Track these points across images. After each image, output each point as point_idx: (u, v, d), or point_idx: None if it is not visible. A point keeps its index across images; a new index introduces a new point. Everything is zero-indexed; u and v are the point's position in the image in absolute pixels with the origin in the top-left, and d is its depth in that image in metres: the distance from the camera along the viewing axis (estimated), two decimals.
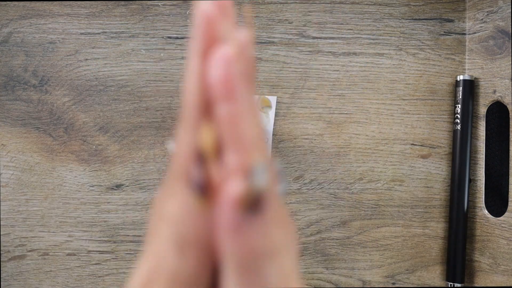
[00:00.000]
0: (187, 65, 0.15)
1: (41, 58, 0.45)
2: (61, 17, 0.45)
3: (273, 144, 0.44)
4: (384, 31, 0.45)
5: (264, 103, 0.45)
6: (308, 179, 0.44)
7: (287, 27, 0.45)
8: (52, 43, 0.45)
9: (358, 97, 0.45)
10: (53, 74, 0.45)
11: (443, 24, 0.45)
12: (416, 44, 0.45)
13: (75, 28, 0.45)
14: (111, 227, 0.44)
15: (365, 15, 0.45)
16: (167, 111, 0.44)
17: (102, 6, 0.45)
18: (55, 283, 0.44)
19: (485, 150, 0.43)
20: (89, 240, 0.44)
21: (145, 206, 0.44)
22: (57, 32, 0.45)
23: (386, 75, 0.45)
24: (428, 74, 0.45)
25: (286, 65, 0.45)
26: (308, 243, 0.44)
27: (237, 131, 0.13)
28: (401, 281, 0.44)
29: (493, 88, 0.43)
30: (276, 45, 0.45)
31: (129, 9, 0.45)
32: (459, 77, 0.44)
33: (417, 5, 0.45)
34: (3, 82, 0.45)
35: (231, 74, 0.14)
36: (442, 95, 0.45)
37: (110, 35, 0.45)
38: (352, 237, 0.44)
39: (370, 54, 0.45)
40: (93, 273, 0.44)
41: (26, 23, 0.45)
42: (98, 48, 0.45)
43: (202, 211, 0.14)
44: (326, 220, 0.44)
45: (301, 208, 0.44)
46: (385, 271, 0.44)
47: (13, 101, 0.44)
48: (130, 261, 0.44)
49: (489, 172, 0.45)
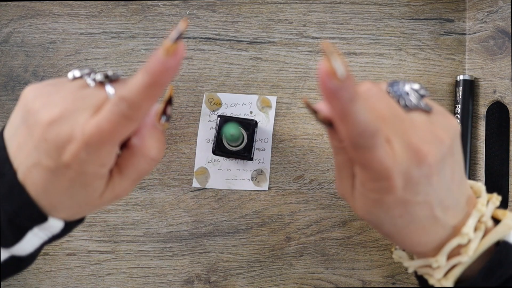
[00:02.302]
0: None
1: (41, 58, 0.45)
2: (61, 17, 0.45)
3: (273, 144, 0.44)
4: (384, 31, 0.45)
5: (264, 103, 0.45)
6: (308, 179, 0.44)
7: (287, 27, 0.45)
8: (52, 43, 0.45)
9: None
10: (53, 74, 0.45)
11: (443, 24, 0.45)
12: (416, 44, 0.45)
13: (75, 28, 0.45)
14: (111, 227, 0.44)
15: (365, 15, 0.45)
16: None
17: (102, 6, 0.45)
18: (55, 283, 0.44)
19: (485, 150, 0.43)
20: (89, 240, 0.44)
21: (145, 206, 0.44)
22: (57, 32, 0.45)
23: (386, 75, 0.45)
24: (428, 74, 0.45)
25: (286, 65, 0.45)
26: (308, 243, 0.44)
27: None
28: (401, 281, 0.44)
29: (493, 88, 0.43)
30: (276, 45, 0.45)
31: (129, 9, 0.45)
32: (459, 77, 0.44)
33: (417, 5, 0.45)
34: (3, 82, 0.45)
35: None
36: (442, 95, 0.45)
37: (110, 35, 0.45)
38: (352, 237, 0.44)
39: (370, 54, 0.45)
40: (93, 273, 0.44)
41: (26, 23, 0.45)
42: (98, 48, 0.45)
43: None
44: (326, 220, 0.44)
45: (301, 208, 0.44)
46: (385, 271, 0.44)
47: (13, 101, 0.44)
48: (130, 261, 0.44)
49: (489, 172, 0.45)
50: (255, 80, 0.45)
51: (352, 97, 0.21)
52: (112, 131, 0.22)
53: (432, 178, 0.23)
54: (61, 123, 0.22)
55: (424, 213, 0.24)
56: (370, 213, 0.25)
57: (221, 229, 0.44)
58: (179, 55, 0.22)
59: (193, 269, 0.44)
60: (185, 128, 0.44)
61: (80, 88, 0.24)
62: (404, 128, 0.23)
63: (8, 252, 0.25)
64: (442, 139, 0.23)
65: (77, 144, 0.21)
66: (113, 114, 0.21)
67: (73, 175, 0.22)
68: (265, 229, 0.44)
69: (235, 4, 0.45)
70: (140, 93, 0.21)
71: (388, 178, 0.23)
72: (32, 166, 0.22)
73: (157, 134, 0.25)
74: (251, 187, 0.44)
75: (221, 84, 0.45)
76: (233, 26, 0.45)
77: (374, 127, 0.22)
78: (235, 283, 0.44)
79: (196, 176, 0.44)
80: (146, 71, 0.21)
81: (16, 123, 0.24)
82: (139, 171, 0.24)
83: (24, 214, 0.23)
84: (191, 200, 0.44)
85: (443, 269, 0.26)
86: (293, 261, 0.44)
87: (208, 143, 0.44)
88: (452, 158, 0.24)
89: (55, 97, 0.23)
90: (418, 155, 0.23)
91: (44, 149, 0.22)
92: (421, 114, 0.24)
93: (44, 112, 0.22)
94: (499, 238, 0.25)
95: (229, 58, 0.45)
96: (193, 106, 0.44)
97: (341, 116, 0.21)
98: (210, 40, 0.45)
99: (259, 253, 0.44)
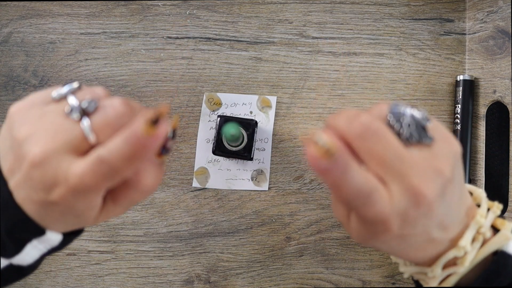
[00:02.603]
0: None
1: (41, 58, 0.45)
2: (61, 17, 0.45)
3: (273, 144, 0.44)
4: (384, 31, 0.45)
5: (264, 103, 0.45)
6: (308, 179, 0.44)
7: (287, 27, 0.45)
8: (52, 43, 0.45)
9: (358, 97, 0.45)
10: (53, 74, 0.45)
11: (443, 24, 0.45)
12: (416, 44, 0.45)
13: (75, 28, 0.45)
14: (111, 227, 0.44)
15: (365, 15, 0.45)
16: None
17: (102, 6, 0.45)
18: (55, 283, 0.44)
19: (485, 150, 0.43)
20: (89, 240, 0.44)
21: (145, 206, 0.44)
22: (57, 32, 0.45)
23: (386, 75, 0.45)
24: (428, 74, 0.45)
25: (286, 65, 0.45)
26: (308, 243, 0.44)
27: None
28: (401, 281, 0.44)
29: (493, 88, 0.43)
30: (276, 45, 0.45)
31: (129, 9, 0.45)
32: (459, 77, 0.44)
33: (417, 5, 0.45)
34: (3, 82, 0.45)
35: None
36: (442, 95, 0.45)
37: (110, 35, 0.45)
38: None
39: (370, 54, 0.45)
40: (93, 273, 0.44)
41: (26, 23, 0.45)
42: (98, 48, 0.45)
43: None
44: (326, 220, 0.44)
45: (301, 208, 0.44)
46: (385, 271, 0.44)
47: (13, 101, 0.44)
48: (130, 261, 0.44)
49: (489, 172, 0.45)
50: (255, 80, 0.45)
51: (344, 169, 0.21)
52: (95, 184, 0.22)
53: (430, 212, 0.23)
54: (45, 166, 0.22)
55: (422, 239, 0.24)
56: (366, 242, 0.25)
57: (221, 229, 0.44)
58: (159, 137, 0.21)
59: (193, 269, 0.44)
60: (185, 128, 0.44)
61: (62, 117, 0.23)
62: (404, 169, 0.22)
63: (9, 261, 0.25)
64: (443, 171, 0.23)
65: (63, 189, 0.22)
66: (94, 172, 0.21)
67: (64, 209, 0.23)
68: (265, 229, 0.44)
69: (235, 4, 0.45)
70: (120, 160, 0.21)
71: (384, 222, 0.22)
72: (24, 199, 0.23)
73: (154, 168, 0.24)
74: (251, 187, 0.44)
75: (221, 84, 0.45)
76: (233, 26, 0.45)
77: (369, 188, 0.22)
78: (235, 283, 0.44)
79: (196, 176, 0.44)
80: (126, 140, 0.21)
81: (5, 145, 0.24)
82: (133, 201, 0.25)
83: (22, 228, 0.24)
84: (191, 200, 0.44)
85: (438, 278, 0.26)
86: (293, 261, 0.44)
87: (208, 143, 0.44)
88: (452, 185, 0.24)
89: (38, 126, 0.23)
90: (417, 197, 0.22)
91: (31, 186, 0.22)
92: (422, 149, 0.23)
93: (28, 148, 0.22)
94: (497, 248, 0.25)
95: (229, 58, 0.45)
96: (193, 106, 0.44)
97: (335, 187, 0.22)
98: (210, 40, 0.45)
99: (259, 253, 0.44)
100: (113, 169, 0.21)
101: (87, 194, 0.22)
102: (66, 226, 0.24)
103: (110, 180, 0.22)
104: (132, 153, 0.21)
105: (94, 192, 0.22)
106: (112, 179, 0.22)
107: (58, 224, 0.24)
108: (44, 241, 0.25)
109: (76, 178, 0.21)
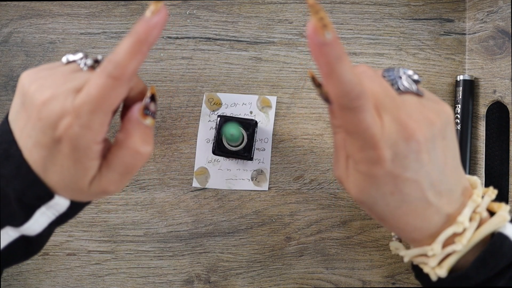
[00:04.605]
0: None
1: (41, 58, 0.45)
2: (61, 17, 0.45)
3: (273, 144, 0.44)
4: (384, 31, 0.45)
5: (264, 103, 0.45)
6: (308, 179, 0.44)
7: (287, 27, 0.45)
8: (52, 43, 0.45)
9: None
10: None
11: (443, 24, 0.45)
12: (416, 44, 0.45)
13: (75, 28, 0.45)
14: (111, 227, 0.44)
15: (365, 15, 0.45)
16: (167, 111, 0.44)
17: (102, 6, 0.45)
18: (55, 283, 0.44)
19: (485, 150, 0.43)
20: (89, 240, 0.44)
21: (145, 206, 0.44)
22: (57, 32, 0.45)
23: None
24: (428, 74, 0.45)
25: (286, 65, 0.45)
26: (308, 243, 0.44)
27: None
28: (401, 281, 0.44)
29: (493, 88, 0.43)
30: (276, 45, 0.45)
31: (129, 9, 0.45)
32: (459, 77, 0.44)
33: (417, 5, 0.45)
34: (3, 82, 0.45)
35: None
36: (442, 95, 0.45)
37: (110, 35, 0.45)
38: (352, 237, 0.44)
39: (370, 54, 0.45)
40: (93, 273, 0.44)
41: (26, 23, 0.45)
42: (98, 48, 0.45)
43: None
44: (326, 220, 0.44)
45: (301, 208, 0.44)
46: (385, 271, 0.44)
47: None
48: (130, 261, 0.44)
49: (489, 172, 0.45)
50: (255, 80, 0.45)
51: (340, 56, 0.22)
52: (101, 95, 0.23)
53: (420, 155, 0.24)
54: (53, 101, 0.23)
55: (415, 194, 0.25)
56: (363, 192, 0.25)
57: (221, 229, 0.44)
58: (161, 14, 0.23)
59: (193, 269, 0.44)
60: (185, 128, 0.44)
61: (72, 71, 0.25)
62: (395, 105, 0.24)
63: (18, 232, 0.26)
64: (432, 121, 0.24)
65: (69, 117, 0.23)
66: (100, 77, 0.23)
67: (67, 150, 0.23)
68: (265, 229, 0.44)
69: (235, 4, 0.45)
70: (126, 52, 0.23)
71: (375, 146, 0.23)
72: (32, 146, 0.24)
73: (142, 129, 0.26)
74: (251, 187, 0.44)
75: (221, 84, 0.45)
76: (233, 26, 0.45)
77: (359, 89, 0.23)
78: (235, 283, 0.44)
79: (196, 176, 0.44)
80: (131, 33, 0.23)
81: (17, 107, 0.25)
82: (125, 164, 0.25)
83: (32, 192, 0.25)
84: (191, 200, 0.44)
85: (438, 257, 0.26)
86: (293, 261, 0.44)
87: (208, 143, 0.44)
88: (444, 142, 0.25)
89: (48, 80, 0.24)
90: (406, 130, 0.24)
91: (40, 128, 0.23)
92: (413, 96, 0.25)
93: (38, 95, 0.24)
94: (494, 229, 0.26)
95: (229, 58, 0.45)
96: (193, 106, 0.44)
97: (327, 74, 0.22)
98: (210, 40, 0.45)
99: (259, 253, 0.44)
100: (118, 66, 0.23)
101: (92, 116, 0.23)
102: (64, 185, 0.25)
103: (115, 84, 0.23)
104: (137, 38, 0.23)
105: (99, 110, 0.23)
106: (117, 83, 0.23)
107: (59, 182, 0.25)
108: (52, 207, 0.26)
109: (82, 96, 0.23)
